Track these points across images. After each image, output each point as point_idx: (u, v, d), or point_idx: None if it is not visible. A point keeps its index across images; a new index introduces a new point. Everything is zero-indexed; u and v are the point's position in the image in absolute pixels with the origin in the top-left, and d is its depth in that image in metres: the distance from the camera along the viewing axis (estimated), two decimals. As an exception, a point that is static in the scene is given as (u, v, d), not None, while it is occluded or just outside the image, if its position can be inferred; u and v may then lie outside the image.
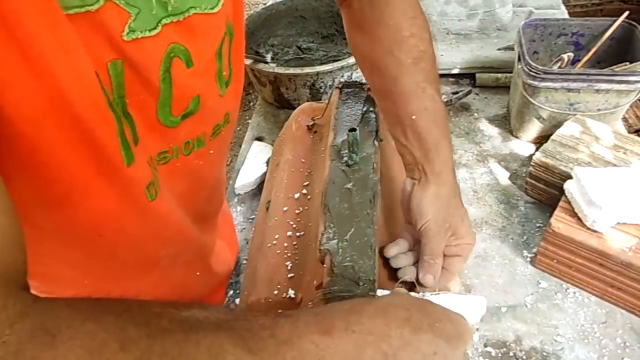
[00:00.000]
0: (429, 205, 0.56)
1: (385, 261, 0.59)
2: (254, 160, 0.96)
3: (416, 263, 0.58)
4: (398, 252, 0.59)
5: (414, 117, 0.57)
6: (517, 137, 0.98)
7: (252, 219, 0.86)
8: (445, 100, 1.03)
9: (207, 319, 0.33)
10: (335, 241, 0.54)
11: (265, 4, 1.25)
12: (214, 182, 0.59)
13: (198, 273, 0.63)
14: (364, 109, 0.72)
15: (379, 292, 0.50)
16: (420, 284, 0.56)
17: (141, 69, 0.37)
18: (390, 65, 0.58)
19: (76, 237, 0.44)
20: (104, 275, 0.52)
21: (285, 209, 0.71)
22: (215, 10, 0.41)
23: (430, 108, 0.57)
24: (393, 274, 0.60)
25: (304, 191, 0.73)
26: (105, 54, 0.35)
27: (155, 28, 0.37)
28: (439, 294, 0.52)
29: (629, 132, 1.00)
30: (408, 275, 0.56)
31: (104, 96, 0.35)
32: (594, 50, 0.97)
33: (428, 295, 0.52)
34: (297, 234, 0.68)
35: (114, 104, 0.37)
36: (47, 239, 0.36)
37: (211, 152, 0.50)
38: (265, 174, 0.90)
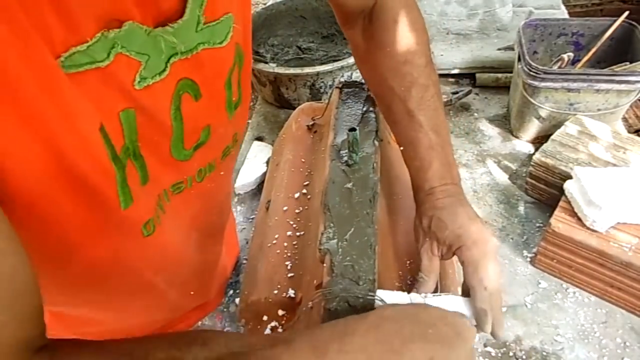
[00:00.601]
0: (417, 226, 0.56)
1: (389, 262, 0.59)
2: (254, 160, 0.96)
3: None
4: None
5: (401, 148, 0.59)
6: (517, 137, 0.98)
7: (252, 219, 0.86)
8: (445, 100, 1.03)
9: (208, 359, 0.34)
10: (335, 241, 0.54)
11: (265, 4, 1.25)
12: (224, 198, 0.60)
13: (192, 292, 0.63)
14: (364, 108, 0.72)
15: (379, 292, 0.50)
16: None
17: (153, 112, 0.37)
18: (385, 94, 0.59)
19: (68, 273, 0.43)
20: (95, 299, 0.51)
21: (285, 208, 0.71)
22: (225, 43, 0.40)
23: (415, 139, 0.57)
24: (400, 276, 0.60)
25: (304, 191, 0.73)
26: (117, 105, 0.34)
27: (164, 70, 0.36)
28: (440, 295, 0.52)
29: (629, 132, 1.00)
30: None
31: (107, 151, 0.34)
32: (594, 50, 0.97)
33: (430, 297, 0.52)
34: (297, 233, 0.68)
35: (121, 152, 0.36)
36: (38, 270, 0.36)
37: (222, 173, 0.51)
38: (265, 174, 0.90)
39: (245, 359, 0.35)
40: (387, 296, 0.50)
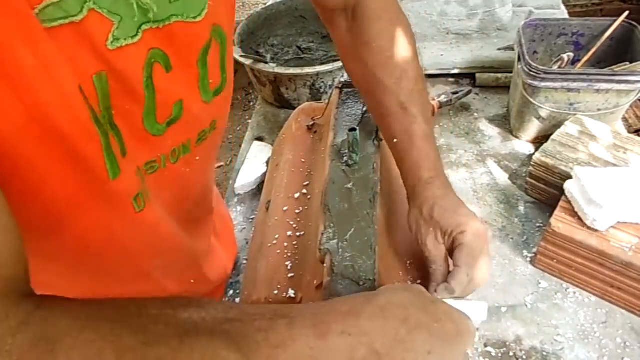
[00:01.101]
0: (415, 215, 0.56)
1: (389, 262, 0.59)
2: (254, 160, 0.96)
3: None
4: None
5: (395, 140, 0.58)
6: (517, 137, 0.98)
7: (252, 219, 0.86)
8: (445, 100, 1.03)
9: (204, 320, 0.33)
10: (336, 241, 0.54)
11: (265, 4, 1.25)
12: (201, 189, 0.59)
13: (192, 281, 0.62)
14: (364, 108, 0.72)
15: None
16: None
17: (125, 77, 0.37)
18: (375, 88, 0.59)
19: (62, 249, 0.43)
20: (94, 286, 0.51)
21: (285, 208, 0.71)
22: (199, 19, 0.40)
23: (410, 130, 0.57)
24: (401, 276, 0.60)
25: (304, 191, 0.73)
26: (90, 66, 0.34)
27: (136, 35, 0.36)
28: (440, 297, 0.52)
29: (629, 132, 1.00)
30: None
31: (89, 111, 0.35)
32: (594, 50, 0.97)
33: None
34: (297, 233, 0.68)
35: (100, 117, 0.36)
36: (32, 252, 0.36)
37: (197, 158, 0.50)
38: (265, 174, 0.90)
39: (241, 327, 0.34)
40: None
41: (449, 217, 0.54)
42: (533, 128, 0.94)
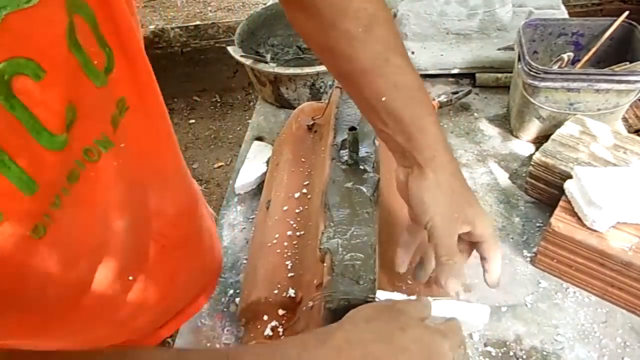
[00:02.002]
0: (431, 198, 0.49)
1: (384, 263, 0.59)
2: (254, 161, 0.96)
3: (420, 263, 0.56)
4: (407, 261, 0.55)
5: (384, 98, 0.48)
6: (517, 137, 0.98)
7: (252, 218, 0.86)
8: (445, 100, 1.03)
9: None
10: (336, 240, 0.54)
11: (265, 4, 1.25)
12: (152, 175, 0.51)
13: (130, 278, 0.54)
14: (364, 108, 0.72)
15: (379, 293, 0.50)
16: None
17: None
18: (338, 42, 0.48)
19: None
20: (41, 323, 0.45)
21: (285, 208, 0.71)
22: (34, 2, 0.32)
23: (401, 82, 0.48)
24: (393, 274, 0.60)
25: (304, 190, 0.73)
26: None
27: None
28: (440, 299, 0.51)
29: (629, 132, 1.00)
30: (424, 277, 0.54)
31: None
32: (594, 50, 0.97)
33: (429, 300, 0.51)
34: (297, 233, 0.68)
35: None
36: None
37: (122, 145, 0.44)
38: (265, 174, 0.90)
39: None
40: (387, 297, 0.50)
41: (467, 208, 0.49)
42: (533, 128, 0.94)
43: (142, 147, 0.48)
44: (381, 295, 0.50)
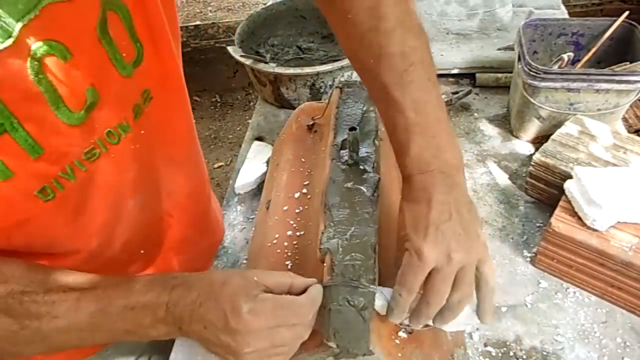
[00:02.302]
0: (428, 238, 0.46)
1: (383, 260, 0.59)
2: (254, 160, 0.96)
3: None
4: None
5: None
6: (517, 137, 0.98)
7: (252, 218, 0.86)
8: (445, 100, 1.03)
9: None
10: (336, 240, 0.54)
11: (265, 4, 1.25)
12: (166, 160, 0.57)
13: (142, 251, 0.61)
14: (364, 108, 0.72)
15: (379, 290, 0.50)
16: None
17: (12, 83, 0.36)
18: (359, 69, 0.54)
19: None
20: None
21: (285, 208, 0.71)
22: None
23: (393, 119, 0.50)
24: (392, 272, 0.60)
25: (304, 190, 0.73)
26: None
27: (10, 37, 0.35)
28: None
29: (629, 132, 1.00)
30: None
31: None
32: (594, 50, 0.97)
33: None
34: (298, 233, 0.68)
35: None
36: None
37: (142, 132, 0.49)
38: (265, 174, 0.90)
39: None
40: (388, 293, 0.50)
41: (471, 246, 0.46)
42: (533, 128, 0.94)
43: (160, 135, 0.54)
44: (385, 291, 0.50)
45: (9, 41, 0.35)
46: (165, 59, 0.51)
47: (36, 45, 0.37)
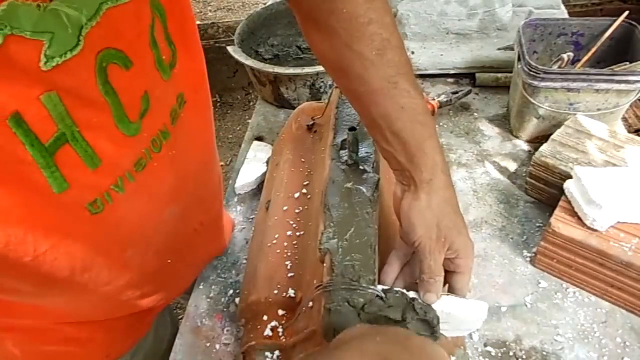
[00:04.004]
0: (421, 219, 0.51)
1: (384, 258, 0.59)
2: (254, 160, 0.96)
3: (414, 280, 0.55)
4: (394, 277, 0.55)
5: (390, 119, 0.51)
6: (517, 137, 0.98)
7: (252, 219, 0.86)
8: (445, 100, 1.03)
9: None
10: (336, 241, 0.54)
11: (265, 4, 1.25)
12: (199, 165, 0.57)
13: (169, 261, 0.60)
14: (364, 108, 0.72)
15: (380, 288, 0.50)
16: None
17: (78, 92, 0.35)
18: (353, 63, 0.50)
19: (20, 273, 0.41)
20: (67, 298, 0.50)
21: (285, 208, 0.71)
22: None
23: (408, 105, 0.50)
24: None
25: (304, 191, 0.73)
26: (31, 90, 0.32)
27: (77, 45, 0.34)
28: (440, 297, 0.52)
29: (629, 132, 1.00)
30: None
31: (21, 140, 0.33)
32: (594, 50, 0.97)
33: None
34: (297, 233, 0.68)
35: (52, 139, 0.35)
36: None
37: (178, 138, 0.49)
38: (265, 174, 0.90)
39: None
40: (384, 289, 0.50)
41: (455, 236, 0.51)
42: (533, 128, 0.94)
43: (192, 140, 0.53)
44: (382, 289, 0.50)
45: (78, 48, 0.34)
46: (196, 60, 0.51)
47: (102, 54, 0.36)
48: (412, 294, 0.51)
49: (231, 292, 0.75)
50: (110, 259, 0.49)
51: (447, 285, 0.54)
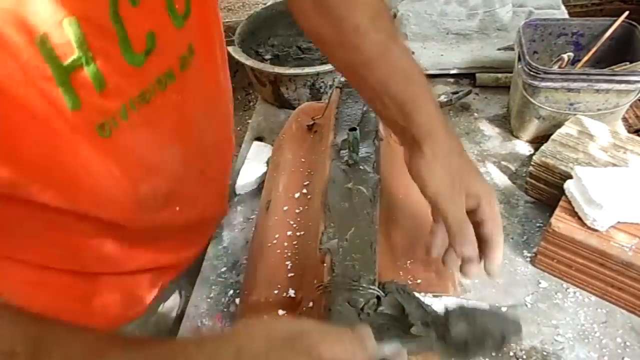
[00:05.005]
0: (430, 172, 0.51)
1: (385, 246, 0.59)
2: (254, 160, 0.96)
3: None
4: (443, 245, 0.54)
5: (385, 83, 0.52)
6: (517, 137, 0.98)
7: (252, 219, 0.86)
8: (445, 100, 1.03)
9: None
10: (336, 240, 0.54)
11: (265, 4, 1.25)
12: (203, 117, 0.60)
13: (177, 208, 0.62)
14: (364, 108, 0.73)
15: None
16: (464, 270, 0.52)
17: (94, 18, 0.40)
18: (347, 33, 0.53)
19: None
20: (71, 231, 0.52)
21: (285, 208, 0.71)
22: None
23: (400, 67, 0.53)
24: (401, 276, 0.60)
25: (304, 191, 0.73)
26: (56, 13, 0.37)
27: None
28: (440, 296, 0.51)
29: (629, 132, 1.00)
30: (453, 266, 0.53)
31: (44, 61, 0.38)
32: (594, 50, 0.97)
33: (429, 297, 0.52)
34: (298, 233, 0.68)
35: (69, 61, 0.40)
36: None
37: (185, 83, 0.53)
38: (265, 174, 0.90)
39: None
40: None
41: (469, 179, 0.51)
42: (533, 128, 0.94)
43: (199, 89, 0.57)
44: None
45: None
46: (209, 16, 0.55)
47: None
48: (422, 297, 0.51)
49: (231, 292, 0.75)
50: (121, 189, 0.52)
51: (452, 286, 0.54)
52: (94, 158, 0.46)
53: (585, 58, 0.97)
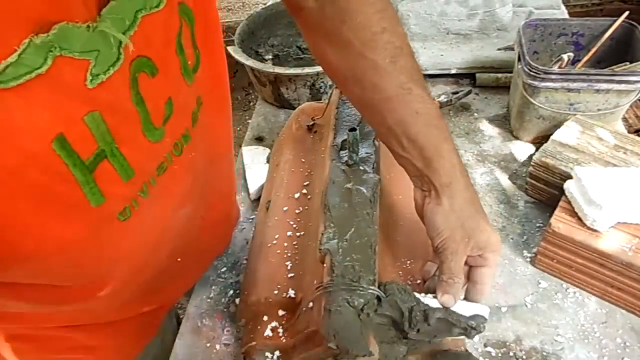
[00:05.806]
0: (444, 222, 0.51)
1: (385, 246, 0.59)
2: (254, 164, 0.95)
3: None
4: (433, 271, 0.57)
5: (405, 124, 0.51)
6: (517, 137, 0.98)
7: (252, 219, 0.86)
8: (445, 100, 1.03)
9: None
10: (336, 241, 0.54)
11: (265, 4, 1.25)
12: (211, 164, 0.57)
13: (179, 259, 0.60)
14: (364, 108, 0.72)
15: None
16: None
17: (117, 106, 0.36)
18: (366, 72, 0.51)
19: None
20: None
21: (285, 208, 0.71)
22: (162, 6, 0.37)
23: (422, 110, 0.51)
24: (401, 276, 0.60)
25: (304, 191, 0.73)
26: (76, 110, 0.33)
27: (118, 59, 0.34)
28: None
29: (629, 132, 1.00)
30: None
31: (64, 162, 0.33)
32: (594, 50, 0.97)
33: (429, 297, 0.52)
34: (297, 233, 0.68)
35: (91, 157, 0.35)
36: None
37: (197, 139, 0.49)
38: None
39: None
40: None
41: (479, 234, 0.51)
42: (533, 128, 0.94)
43: (208, 140, 0.53)
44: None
45: (119, 63, 0.34)
46: (217, 62, 0.51)
47: (134, 63, 0.36)
48: (417, 296, 0.51)
49: (231, 292, 0.75)
50: (130, 263, 0.49)
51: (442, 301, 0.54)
52: (107, 244, 0.43)
53: (585, 58, 0.97)
